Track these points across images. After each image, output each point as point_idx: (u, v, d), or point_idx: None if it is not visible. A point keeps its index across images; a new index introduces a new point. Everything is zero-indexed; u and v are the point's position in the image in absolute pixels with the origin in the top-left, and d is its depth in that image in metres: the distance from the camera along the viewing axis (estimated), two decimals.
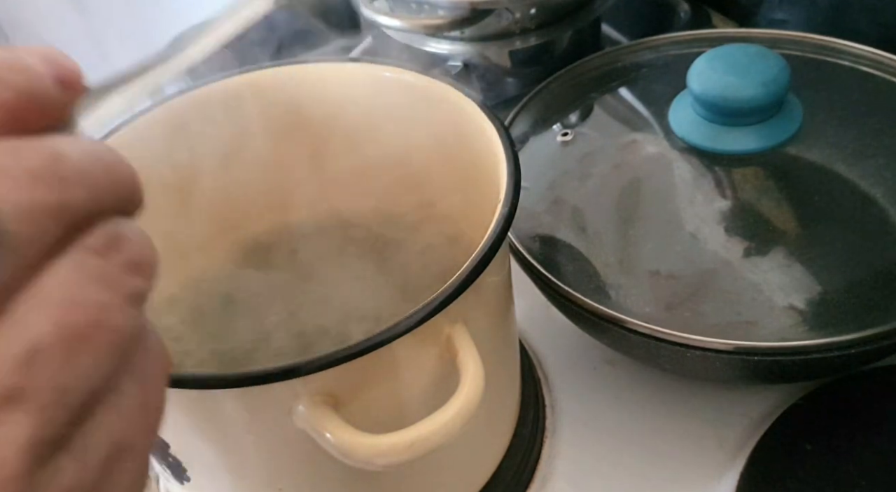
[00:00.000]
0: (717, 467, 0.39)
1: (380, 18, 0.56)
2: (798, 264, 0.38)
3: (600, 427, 0.42)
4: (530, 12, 0.56)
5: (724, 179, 0.43)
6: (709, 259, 0.39)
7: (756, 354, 0.35)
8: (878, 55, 0.47)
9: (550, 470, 0.41)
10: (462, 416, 0.27)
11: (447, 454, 0.29)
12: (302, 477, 0.31)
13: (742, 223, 0.40)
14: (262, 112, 0.40)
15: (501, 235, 0.30)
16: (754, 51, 0.43)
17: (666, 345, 0.36)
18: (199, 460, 0.32)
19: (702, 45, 0.49)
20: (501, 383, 0.37)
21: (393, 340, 0.27)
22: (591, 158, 0.46)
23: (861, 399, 0.40)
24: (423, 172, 0.41)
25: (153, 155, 0.38)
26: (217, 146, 0.40)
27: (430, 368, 0.30)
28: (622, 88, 0.51)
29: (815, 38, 0.49)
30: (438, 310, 0.27)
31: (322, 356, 0.26)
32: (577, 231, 0.42)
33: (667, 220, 0.42)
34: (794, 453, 0.38)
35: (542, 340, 0.47)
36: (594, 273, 0.40)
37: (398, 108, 0.40)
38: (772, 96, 0.42)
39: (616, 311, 0.37)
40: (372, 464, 0.27)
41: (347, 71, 0.40)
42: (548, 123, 0.49)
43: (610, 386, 0.44)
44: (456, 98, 0.37)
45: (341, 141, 0.42)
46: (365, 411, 0.29)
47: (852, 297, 0.36)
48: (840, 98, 0.46)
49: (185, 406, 0.29)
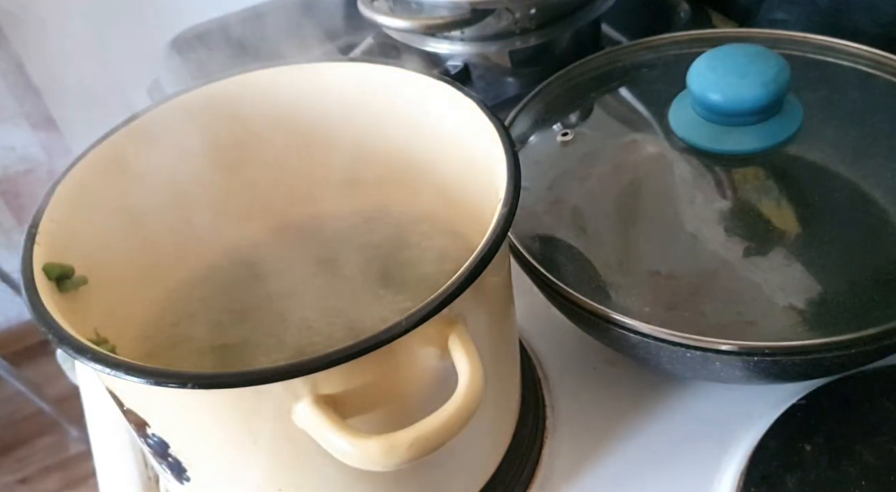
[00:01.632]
0: (717, 467, 0.39)
1: (380, 18, 0.56)
2: (798, 264, 0.38)
3: (600, 427, 0.42)
4: (530, 12, 0.56)
5: (724, 179, 0.43)
6: (709, 259, 0.39)
7: (756, 354, 0.35)
8: (878, 55, 0.47)
9: (550, 470, 0.41)
10: (462, 416, 0.27)
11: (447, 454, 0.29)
12: (302, 477, 0.31)
13: (742, 223, 0.40)
14: (263, 112, 0.40)
15: (501, 235, 0.30)
16: (754, 51, 0.43)
17: (666, 345, 0.36)
18: (199, 460, 0.32)
19: (702, 45, 0.49)
20: (501, 383, 0.37)
21: (393, 340, 0.27)
22: (591, 158, 0.46)
23: (861, 399, 0.40)
24: (424, 171, 0.41)
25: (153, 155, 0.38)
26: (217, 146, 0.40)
27: (430, 368, 0.30)
28: (622, 88, 0.51)
29: (815, 38, 0.49)
30: (438, 310, 0.27)
31: (322, 356, 0.26)
32: (577, 231, 0.42)
33: (667, 220, 0.42)
34: (794, 453, 0.38)
35: (542, 340, 0.47)
36: (594, 273, 0.40)
37: (398, 108, 0.40)
38: (772, 96, 0.42)
39: (616, 311, 0.37)
40: (372, 464, 0.27)
41: (347, 71, 0.40)
42: (548, 122, 0.49)
43: (610, 386, 0.44)
44: (456, 98, 0.37)
45: (341, 141, 0.42)
46: (365, 410, 0.29)
47: (852, 297, 0.36)
48: (840, 98, 0.46)
49: (186, 406, 0.29)
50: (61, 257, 0.33)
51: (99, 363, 0.27)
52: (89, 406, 0.49)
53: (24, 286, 0.30)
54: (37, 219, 0.33)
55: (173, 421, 0.30)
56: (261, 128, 0.41)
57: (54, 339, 0.28)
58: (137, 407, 0.30)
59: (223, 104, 0.40)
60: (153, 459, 0.34)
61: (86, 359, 0.27)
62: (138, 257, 0.38)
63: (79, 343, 0.28)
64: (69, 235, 0.34)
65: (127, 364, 0.27)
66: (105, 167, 0.36)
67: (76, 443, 1.35)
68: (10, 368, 1.25)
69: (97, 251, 0.35)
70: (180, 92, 0.39)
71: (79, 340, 0.28)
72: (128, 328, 0.37)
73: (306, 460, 0.30)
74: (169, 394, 0.28)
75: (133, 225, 0.38)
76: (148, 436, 0.31)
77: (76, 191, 0.35)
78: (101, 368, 0.27)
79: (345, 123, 0.41)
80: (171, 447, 0.31)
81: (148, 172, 0.38)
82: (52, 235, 0.33)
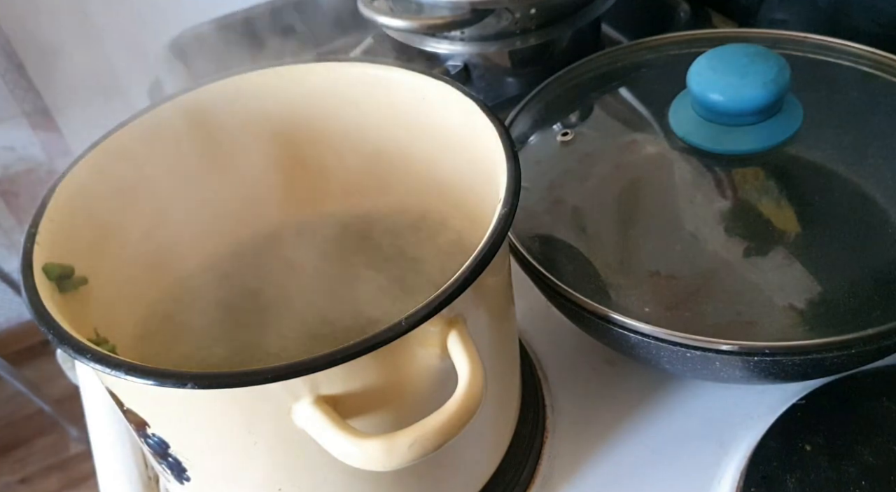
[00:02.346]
0: (717, 467, 0.39)
1: (380, 18, 0.56)
2: (798, 264, 0.38)
3: (600, 427, 0.42)
4: (530, 12, 0.56)
5: (724, 179, 0.43)
6: (709, 259, 0.39)
7: (756, 354, 0.35)
8: (878, 55, 0.47)
9: (550, 470, 0.41)
10: (462, 416, 0.27)
11: (447, 454, 0.29)
12: (302, 477, 0.31)
13: (742, 223, 0.40)
14: (263, 112, 0.40)
15: (501, 235, 0.30)
16: (754, 51, 0.43)
17: (666, 345, 0.36)
18: (199, 459, 0.32)
19: (702, 45, 0.49)
20: (501, 382, 0.37)
21: (393, 340, 0.27)
22: (591, 158, 0.46)
23: (861, 399, 0.40)
24: (423, 171, 0.41)
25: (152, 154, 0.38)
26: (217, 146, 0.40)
27: (430, 367, 0.30)
28: (622, 88, 0.51)
29: (815, 38, 0.49)
30: (438, 310, 0.27)
31: (322, 356, 0.26)
32: (577, 231, 0.42)
33: (667, 220, 0.42)
34: (794, 453, 0.38)
35: (542, 340, 0.47)
36: (594, 273, 0.40)
37: (398, 108, 0.40)
38: (772, 96, 0.42)
39: (616, 311, 0.37)
40: (372, 464, 0.27)
41: (347, 71, 0.40)
42: (548, 122, 0.49)
43: (610, 386, 0.44)
44: (456, 98, 0.37)
45: (341, 141, 0.42)
46: (365, 410, 0.29)
47: (852, 297, 0.36)
48: (840, 98, 0.46)
49: (186, 406, 0.29)
50: (61, 257, 0.33)
51: (99, 363, 0.27)
52: (89, 406, 0.49)
53: (24, 286, 0.30)
54: (37, 219, 0.33)
55: (173, 421, 0.30)
56: (260, 128, 0.41)
57: (54, 339, 0.28)
58: (137, 407, 0.30)
59: (223, 104, 0.40)
60: (153, 459, 0.34)
61: (86, 359, 0.27)
62: (138, 257, 0.38)
63: (79, 343, 0.28)
64: (69, 235, 0.34)
65: (127, 364, 0.27)
66: (105, 167, 0.36)
67: (76, 443, 1.35)
68: (10, 368, 1.25)
69: (97, 251, 0.35)
70: (180, 92, 0.39)
71: (79, 340, 0.28)
72: (128, 328, 0.37)
73: (306, 460, 0.30)
74: (169, 394, 0.28)
75: (133, 225, 0.38)
76: (148, 436, 0.31)
77: (76, 191, 0.35)
78: (101, 368, 0.27)
79: (344, 123, 0.41)
80: (171, 447, 0.31)
81: (148, 171, 0.38)
82: (52, 235, 0.33)
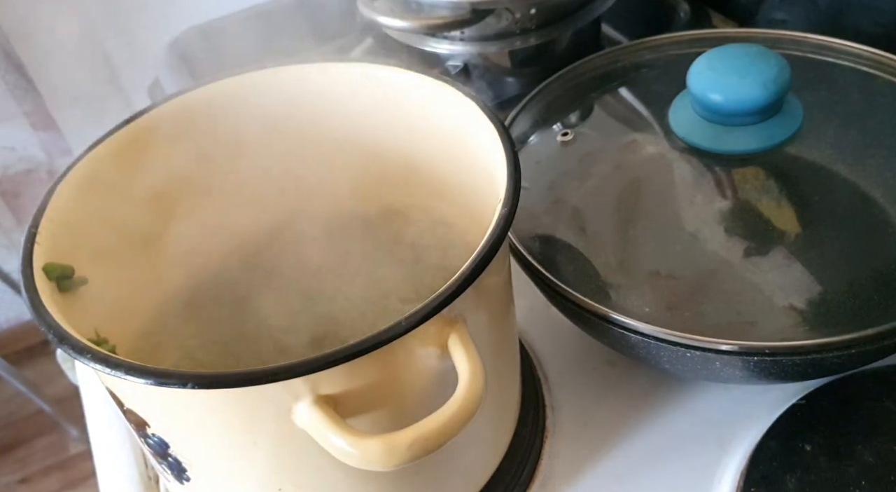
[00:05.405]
0: (717, 467, 0.39)
1: (380, 18, 0.56)
2: (798, 264, 0.38)
3: (600, 427, 0.42)
4: (530, 12, 0.56)
5: (724, 179, 0.43)
6: (709, 259, 0.39)
7: (756, 354, 0.35)
8: (878, 55, 0.47)
9: (550, 470, 0.41)
10: (462, 416, 0.27)
11: (447, 454, 0.29)
12: (302, 477, 0.31)
13: (742, 223, 0.40)
14: (263, 112, 0.40)
15: (501, 235, 0.30)
16: (754, 51, 0.43)
17: (666, 345, 0.36)
18: (199, 459, 0.32)
19: (702, 45, 0.49)
20: (502, 383, 0.37)
21: (393, 340, 0.27)
22: (591, 158, 0.46)
23: (861, 399, 0.40)
24: (423, 171, 0.41)
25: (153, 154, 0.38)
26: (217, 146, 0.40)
27: (430, 368, 0.30)
28: (622, 88, 0.51)
29: (815, 38, 0.49)
30: (438, 310, 0.27)
31: (322, 356, 0.26)
32: (577, 231, 0.42)
33: (667, 220, 0.42)
34: (793, 453, 0.38)
35: (542, 340, 0.47)
36: (594, 273, 0.40)
37: (398, 108, 0.40)
38: (772, 96, 0.42)
39: (616, 311, 0.37)
40: (372, 464, 0.27)
41: (347, 71, 0.40)
42: (548, 122, 0.49)
43: (610, 386, 0.44)
44: (456, 98, 0.37)
45: (341, 141, 0.42)
46: (365, 410, 0.29)
47: (852, 297, 0.36)
48: (840, 98, 0.46)
49: (186, 406, 0.29)
50: (61, 257, 0.33)
51: (99, 363, 0.27)
52: (89, 406, 0.49)
53: (24, 286, 0.30)
54: (37, 219, 0.33)
55: (173, 421, 0.30)
56: (261, 128, 0.41)
57: (54, 339, 0.28)
58: (137, 407, 0.30)
59: (223, 104, 0.40)
60: (153, 459, 0.34)
61: (86, 359, 0.27)
62: (138, 257, 0.38)
63: (79, 343, 0.28)
64: (69, 235, 0.34)
65: (127, 364, 0.27)
66: (105, 167, 0.36)
67: (76, 443, 1.35)
68: (10, 368, 1.25)
69: (97, 251, 0.35)
70: (180, 92, 0.39)
71: (79, 340, 0.28)
72: (128, 328, 0.37)
73: (306, 461, 0.30)
74: (169, 394, 0.28)
75: (133, 225, 0.38)
76: (148, 436, 0.31)
77: (76, 191, 0.35)
78: (101, 368, 0.27)
79: (344, 123, 0.41)
80: (171, 447, 0.31)
81: (148, 171, 0.38)
82: (52, 235, 0.33)
